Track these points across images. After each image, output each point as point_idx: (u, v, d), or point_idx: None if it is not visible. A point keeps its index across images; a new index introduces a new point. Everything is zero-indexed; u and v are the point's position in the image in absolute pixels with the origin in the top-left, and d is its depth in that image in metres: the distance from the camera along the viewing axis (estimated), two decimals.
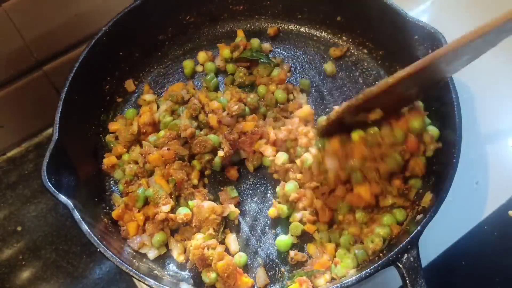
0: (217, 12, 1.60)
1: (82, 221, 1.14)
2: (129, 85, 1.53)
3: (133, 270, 1.11)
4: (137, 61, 1.55)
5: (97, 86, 1.46)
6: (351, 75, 1.52)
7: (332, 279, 1.19)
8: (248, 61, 1.52)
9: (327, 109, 1.47)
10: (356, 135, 1.15)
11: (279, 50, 1.58)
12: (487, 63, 1.61)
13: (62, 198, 1.14)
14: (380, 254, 1.20)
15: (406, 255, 1.09)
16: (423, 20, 1.32)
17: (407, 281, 1.07)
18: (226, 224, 1.31)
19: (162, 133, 1.38)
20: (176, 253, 1.27)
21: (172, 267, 1.27)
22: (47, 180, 1.15)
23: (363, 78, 1.51)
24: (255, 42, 1.54)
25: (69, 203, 1.14)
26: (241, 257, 1.24)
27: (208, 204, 1.25)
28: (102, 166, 1.39)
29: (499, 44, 1.26)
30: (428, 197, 1.21)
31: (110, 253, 1.12)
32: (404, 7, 1.35)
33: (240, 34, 1.58)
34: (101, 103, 1.48)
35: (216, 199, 1.34)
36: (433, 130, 1.25)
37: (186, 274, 1.26)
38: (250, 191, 1.37)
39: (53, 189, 1.14)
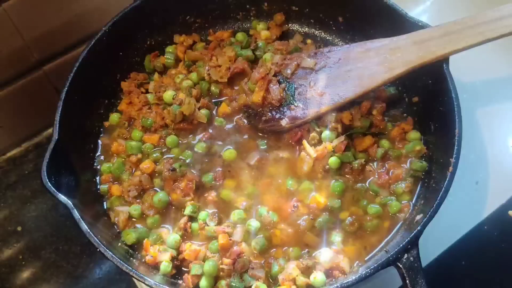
0: (217, 12, 1.60)
1: (82, 221, 1.13)
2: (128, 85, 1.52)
3: (133, 270, 1.11)
4: (137, 62, 1.55)
5: (97, 86, 1.46)
6: None
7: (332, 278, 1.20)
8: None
9: None
10: None
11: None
12: (487, 63, 1.63)
13: (62, 198, 1.14)
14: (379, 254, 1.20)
15: (406, 255, 1.09)
16: (423, 20, 1.32)
17: (407, 281, 1.07)
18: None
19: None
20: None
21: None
22: (47, 180, 1.15)
23: None
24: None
25: (69, 203, 1.14)
26: None
27: None
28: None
29: (499, 44, 1.27)
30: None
31: (110, 253, 1.12)
32: (404, 7, 1.35)
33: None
34: (101, 103, 1.48)
35: None
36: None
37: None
38: None
39: (53, 189, 1.14)
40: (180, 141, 1.41)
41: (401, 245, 1.09)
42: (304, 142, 1.34)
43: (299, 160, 1.34)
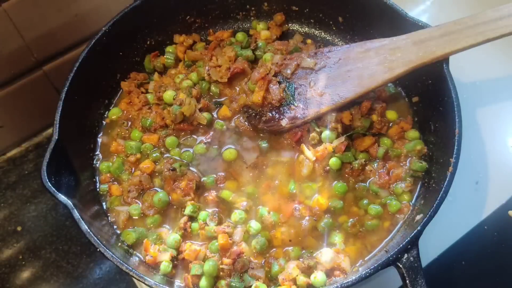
0: (217, 12, 1.60)
1: (81, 220, 1.13)
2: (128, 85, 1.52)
3: (133, 270, 1.11)
4: (137, 62, 1.55)
5: (97, 86, 1.46)
6: None
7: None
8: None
9: None
10: None
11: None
12: (487, 63, 1.63)
13: (62, 198, 1.14)
14: (380, 253, 1.20)
15: (406, 255, 1.09)
16: (423, 20, 1.32)
17: (407, 281, 1.07)
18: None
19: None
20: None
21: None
22: (47, 180, 1.15)
23: None
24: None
25: (69, 203, 1.14)
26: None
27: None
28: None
29: (499, 45, 1.27)
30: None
31: (110, 253, 1.12)
32: (404, 7, 1.35)
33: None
34: (101, 103, 1.48)
35: None
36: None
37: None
38: None
39: (53, 189, 1.14)
40: (180, 142, 1.41)
41: (401, 245, 1.09)
42: (303, 146, 1.34)
43: (297, 163, 1.34)
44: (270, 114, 1.38)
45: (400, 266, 1.08)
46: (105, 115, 1.48)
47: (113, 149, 1.41)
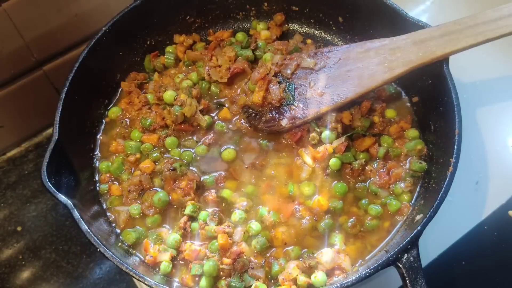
0: (217, 12, 1.60)
1: (81, 220, 1.13)
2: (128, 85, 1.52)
3: (133, 270, 1.11)
4: (137, 62, 1.55)
5: (97, 86, 1.46)
6: None
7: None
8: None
9: None
10: None
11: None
12: (487, 63, 1.63)
13: (62, 198, 1.14)
14: (380, 253, 1.20)
15: (406, 255, 1.09)
16: (423, 20, 1.32)
17: (407, 281, 1.07)
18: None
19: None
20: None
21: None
22: (47, 180, 1.15)
23: None
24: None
25: (68, 203, 1.14)
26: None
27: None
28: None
29: (499, 45, 1.27)
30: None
31: (110, 253, 1.12)
32: (404, 7, 1.35)
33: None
34: (101, 103, 1.48)
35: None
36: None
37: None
38: None
39: (53, 189, 1.14)
40: (180, 142, 1.41)
41: (401, 245, 1.09)
42: (302, 151, 1.34)
43: (295, 167, 1.34)
44: (270, 114, 1.38)
45: (400, 266, 1.08)
46: (105, 115, 1.48)
47: (112, 149, 1.41)
